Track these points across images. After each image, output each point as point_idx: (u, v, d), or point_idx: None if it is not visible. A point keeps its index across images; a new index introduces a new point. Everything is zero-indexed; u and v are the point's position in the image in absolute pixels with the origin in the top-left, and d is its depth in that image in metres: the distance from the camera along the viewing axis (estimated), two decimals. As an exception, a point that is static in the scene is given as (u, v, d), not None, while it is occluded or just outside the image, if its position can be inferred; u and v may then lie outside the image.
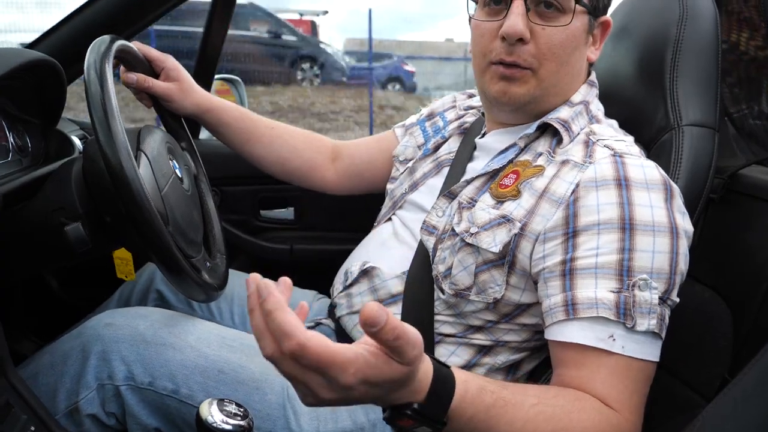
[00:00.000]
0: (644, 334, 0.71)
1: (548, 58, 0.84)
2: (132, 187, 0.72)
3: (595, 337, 0.71)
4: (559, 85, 0.87)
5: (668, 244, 0.73)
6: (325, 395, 0.52)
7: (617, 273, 0.72)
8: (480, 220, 0.83)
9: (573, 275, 0.74)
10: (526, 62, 0.84)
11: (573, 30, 0.84)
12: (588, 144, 0.83)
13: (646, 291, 0.71)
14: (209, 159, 1.25)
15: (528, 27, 0.82)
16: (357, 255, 1.03)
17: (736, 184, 0.99)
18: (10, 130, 0.96)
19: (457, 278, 0.84)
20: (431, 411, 0.58)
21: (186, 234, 0.85)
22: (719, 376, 0.91)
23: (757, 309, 0.89)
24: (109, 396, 0.83)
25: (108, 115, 0.73)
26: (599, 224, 0.74)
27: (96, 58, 0.78)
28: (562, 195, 0.78)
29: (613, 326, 0.71)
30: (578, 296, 0.73)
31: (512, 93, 0.86)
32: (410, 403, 0.57)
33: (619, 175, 0.76)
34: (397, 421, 0.58)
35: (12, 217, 0.84)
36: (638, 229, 0.73)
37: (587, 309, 0.72)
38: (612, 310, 0.71)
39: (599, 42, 0.91)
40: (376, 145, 1.22)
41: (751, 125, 1.10)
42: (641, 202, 0.74)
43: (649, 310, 0.71)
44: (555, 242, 0.77)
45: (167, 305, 1.11)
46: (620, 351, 0.70)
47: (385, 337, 0.49)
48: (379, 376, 0.52)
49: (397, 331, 0.50)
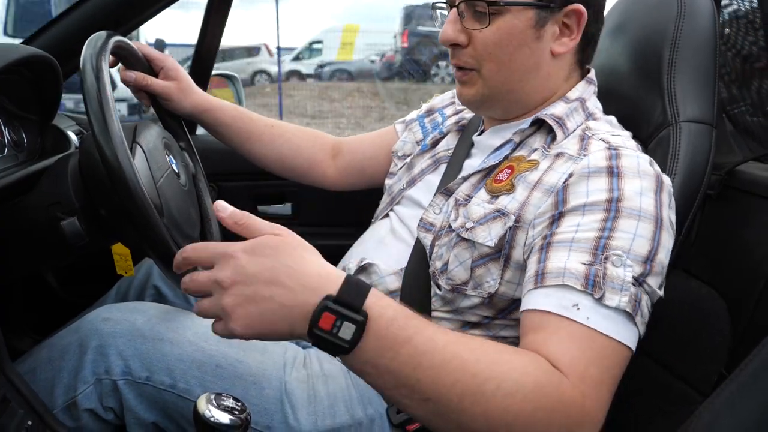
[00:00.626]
0: (614, 310, 0.67)
1: (486, 59, 0.86)
2: (126, 176, 0.71)
3: (558, 304, 0.68)
4: (510, 82, 0.88)
5: (651, 231, 0.72)
6: (229, 302, 0.57)
7: (592, 248, 0.70)
8: (475, 215, 0.83)
9: (549, 248, 0.73)
10: (467, 64, 0.88)
11: (508, 29, 0.84)
12: (584, 138, 0.83)
13: (620, 267, 0.69)
14: (206, 155, 1.25)
15: (463, 32, 0.86)
16: (355, 252, 1.03)
17: (734, 180, 0.99)
18: (6, 126, 0.95)
19: (453, 273, 0.84)
20: (347, 299, 0.56)
21: (181, 228, 0.84)
22: (716, 372, 0.92)
23: (754, 305, 0.89)
24: (106, 391, 0.83)
25: (104, 109, 0.73)
26: (585, 205, 0.74)
27: (92, 53, 0.78)
28: (554, 184, 0.78)
29: (579, 295, 0.67)
30: (548, 266, 0.71)
31: (464, 94, 0.91)
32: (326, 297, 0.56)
33: (612, 164, 0.76)
34: (318, 324, 0.56)
35: (8, 212, 0.84)
36: (623, 212, 0.72)
37: (554, 278, 0.70)
38: (580, 280, 0.68)
39: (575, 32, 0.87)
40: (378, 141, 1.22)
41: (748, 122, 1.10)
42: (631, 188, 0.74)
43: (621, 287, 0.68)
44: (542, 226, 0.77)
45: (164, 301, 1.11)
46: (584, 321, 0.66)
47: (235, 219, 0.60)
48: (260, 245, 0.58)
49: (245, 216, 0.61)
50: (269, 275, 0.57)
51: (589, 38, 0.90)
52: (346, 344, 0.56)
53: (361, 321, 0.56)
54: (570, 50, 0.88)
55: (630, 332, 0.68)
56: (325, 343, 0.57)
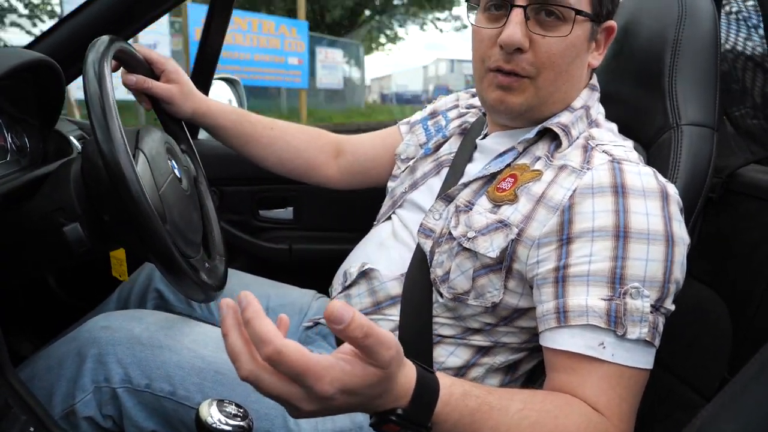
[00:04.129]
0: (635, 342, 0.71)
1: (547, 67, 0.83)
2: (129, 184, 0.71)
3: (585, 345, 0.71)
4: (557, 93, 0.87)
5: (662, 252, 0.73)
6: (306, 407, 0.52)
7: (609, 281, 0.72)
8: (477, 224, 0.83)
9: (565, 282, 0.74)
10: (524, 71, 0.83)
11: (573, 39, 0.82)
12: (587, 149, 0.82)
13: (638, 299, 0.71)
14: (208, 159, 1.25)
15: (527, 36, 0.81)
16: (356, 255, 1.03)
17: (735, 183, 0.99)
18: (9, 131, 0.95)
19: (455, 282, 0.84)
20: (415, 416, 0.58)
21: (184, 233, 0.84)
22: (718, 375, 0.91)
23: (756, 308, 0.89)
24: (105, 399, 0.82)
25: (106, 114, 0.73)
26: (593, 231, 0.74)
27: (95, 58, 0.78)
28: (559, 201, 0.78)
29: (603, 334, 0.71)
30: (569, 303, 0.73)
31: (509, 102, 0.86)
32: (394, 408, 0.57)
33: (616, 182, 0.75)
34: (383, 426, 0.58)
35: (10, 217, 0.84)
36: (632, 237, 0.72)
37: (578, 317, 0.72)
38: (602, 318, 0.71)
39: (603, 47, 0.89)
40: (381, 142, 1.21)
41: (749, 125, 1.10)
42: (637, 209, 0.74)
43: (641, 319, 0.71)
44: (549, 248, 0.77)
45: (166, 305, 1.11)
46: (610, 359, 0.70)
47: (353, 335, 0.49)
48: (356, 383, 0.52)
49: (365, 329, 0.50)
50: (354, 401, 0.55)
51: None
52: None
53: None
54: (598, 64, 0.90)
55: (649, 356, 0.72)
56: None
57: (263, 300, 1.11)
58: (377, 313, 0.92)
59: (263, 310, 0.51)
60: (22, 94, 0.98)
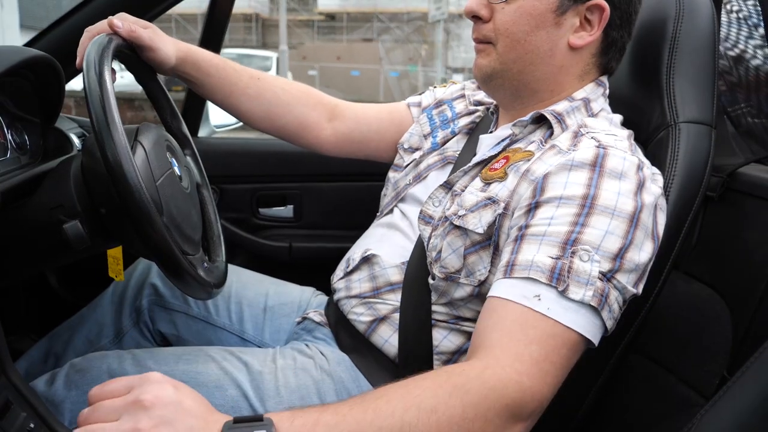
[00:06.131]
0: (578, 303, 0.68)
1: (502, 34, 0.88)
2: (124, 170, 0.71)
3: (520, 294, 0.69)
4: (522, 63, 0.89)
5: (624, 229, 0.72)
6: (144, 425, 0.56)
7: (562, 242, 0.71)
8: (468, 202, 0.84)
9: (522, 241, 0.74)
10: (485, 38, 0.90)
11: (528, 9, 0.86)
12: (577, 135, 0.83)
13: (587, 262, 0.70)
14: (209, 157, 1.25)
15: (488, 6, 0.89)
16: (360, 244, 1.04)
17: (735, 182, 0.99)
18: (9, 128, 0.96)
19: (446, 261, 0.85)
20: (245, 418, 0.58)
21: (182, 228, 0.84)
22: (718, 374, 0.91)
23: (756, 307, 0.89)
24: None
25: (106, 111, 0.73)
26: (561, 198, 0.74)
27: (95, 56, 0.78)
28: (539, 175, 0.79)
29: (542, 288, 0.69)
30: (518, 259, 0.72)
31: (478, 64, 0.93)
32: None
33: (596, 161, 0.76)
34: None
35: (10, 215, 0.84)
36: (597, 210, 0.72)
37: (522, 270, 0.71)
38: (545, 273, 0.69)
39: (596, 27, 0.87)
40: (388, 116, 1.16)
41: (749, 123, 1.10)
42: (609, 188, 0.74)
43: (587, 282, 0.69)
44: (519, 213, 0.78)
45: (162, 300, 1.09)
46: (544, 311, 0.67)
47: None
48: None
49: None
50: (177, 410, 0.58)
51: (611, 41, 0.90)
52: None
53: (268, 423, 0.57)
54: (587, 45, 0.89)
55: (592, 325, 0.70)
56: None
57: (262, 298, 1.11)
58: (375, 298, 0.94)
59: None
60: (22, 92, 0.98)
